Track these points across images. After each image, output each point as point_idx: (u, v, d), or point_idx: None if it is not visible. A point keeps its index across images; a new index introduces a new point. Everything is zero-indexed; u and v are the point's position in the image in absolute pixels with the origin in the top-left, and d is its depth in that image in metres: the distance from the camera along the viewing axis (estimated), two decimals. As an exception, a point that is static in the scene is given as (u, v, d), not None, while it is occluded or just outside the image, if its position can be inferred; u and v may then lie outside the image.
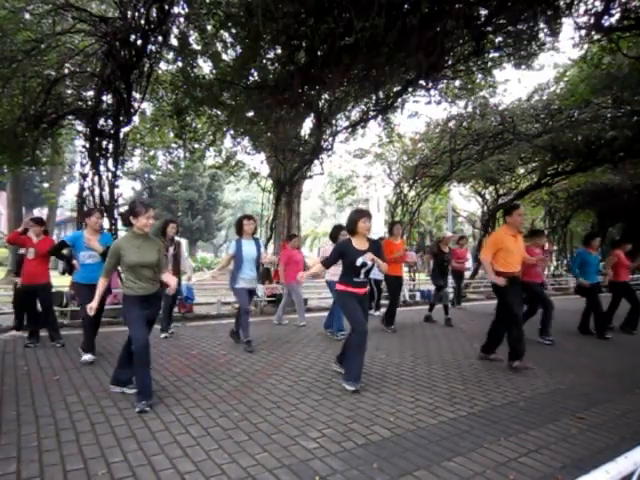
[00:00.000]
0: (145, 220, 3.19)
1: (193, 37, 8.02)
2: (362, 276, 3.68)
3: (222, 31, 7.33)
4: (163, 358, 4.52)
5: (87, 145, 7.40)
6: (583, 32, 6.43)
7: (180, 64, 8.40)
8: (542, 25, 6.49)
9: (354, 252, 3.63)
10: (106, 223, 6.97)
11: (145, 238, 3.27)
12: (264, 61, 7.50)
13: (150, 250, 3.25)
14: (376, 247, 3.79)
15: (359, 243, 3.69)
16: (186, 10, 7.05)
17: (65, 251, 4.87)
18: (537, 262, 5.46)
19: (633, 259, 6.81)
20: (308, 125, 10.71)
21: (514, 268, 4.41)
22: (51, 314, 5.18)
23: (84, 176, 7.31)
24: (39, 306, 5.09)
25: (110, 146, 7.30)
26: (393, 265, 6.02)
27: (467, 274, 11.91)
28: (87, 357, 4.30)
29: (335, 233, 5.75)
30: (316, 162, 10.42)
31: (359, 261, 3.58)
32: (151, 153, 13.83)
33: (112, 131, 7.26)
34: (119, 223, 7.00)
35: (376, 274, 6.36)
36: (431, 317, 7.28)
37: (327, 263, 3.85)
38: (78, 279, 4.57)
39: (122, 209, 7.49)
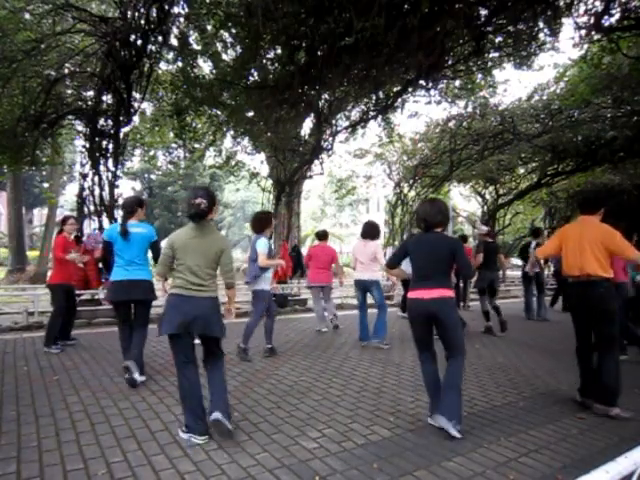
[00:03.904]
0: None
1: (193, 37, 8.05)
2: None
3: (222, 31, 7.35)
4: (163, 358, 4.53)
5: (87, 145, 7.43)
6: (583, 32, 6.43)
7: (180, 64, 8.43)
8: (542, 25, 6.50)
9: None
10: (106, 224, 6.98)
11: (207, 231, 2.78)
12: (264, 61, 7.51)
13: (210, 245, 2.74)
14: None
15: None
16: (186, 10, 7.07)
17: None
18: None
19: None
20: (308, 125, 10.73)
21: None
22: (75, 314, 5.32)
23: (84, 176, 7.34)
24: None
25: (110, 146, 7.33)
26: None
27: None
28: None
29: (372, 231, 5.50)
30: (316, 162, 10.42)
31: None
32: (151, 153, 13.90)
33: (112, 131, 7.28)
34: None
35: None
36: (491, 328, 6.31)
37: (393, 261, 3.22)
38: (115, 276, 3.92)
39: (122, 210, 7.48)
